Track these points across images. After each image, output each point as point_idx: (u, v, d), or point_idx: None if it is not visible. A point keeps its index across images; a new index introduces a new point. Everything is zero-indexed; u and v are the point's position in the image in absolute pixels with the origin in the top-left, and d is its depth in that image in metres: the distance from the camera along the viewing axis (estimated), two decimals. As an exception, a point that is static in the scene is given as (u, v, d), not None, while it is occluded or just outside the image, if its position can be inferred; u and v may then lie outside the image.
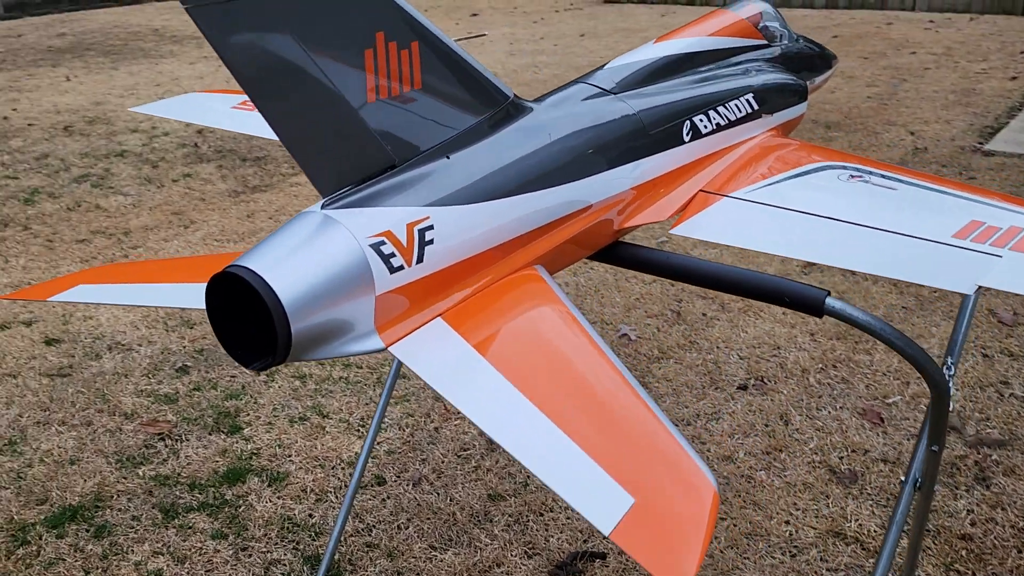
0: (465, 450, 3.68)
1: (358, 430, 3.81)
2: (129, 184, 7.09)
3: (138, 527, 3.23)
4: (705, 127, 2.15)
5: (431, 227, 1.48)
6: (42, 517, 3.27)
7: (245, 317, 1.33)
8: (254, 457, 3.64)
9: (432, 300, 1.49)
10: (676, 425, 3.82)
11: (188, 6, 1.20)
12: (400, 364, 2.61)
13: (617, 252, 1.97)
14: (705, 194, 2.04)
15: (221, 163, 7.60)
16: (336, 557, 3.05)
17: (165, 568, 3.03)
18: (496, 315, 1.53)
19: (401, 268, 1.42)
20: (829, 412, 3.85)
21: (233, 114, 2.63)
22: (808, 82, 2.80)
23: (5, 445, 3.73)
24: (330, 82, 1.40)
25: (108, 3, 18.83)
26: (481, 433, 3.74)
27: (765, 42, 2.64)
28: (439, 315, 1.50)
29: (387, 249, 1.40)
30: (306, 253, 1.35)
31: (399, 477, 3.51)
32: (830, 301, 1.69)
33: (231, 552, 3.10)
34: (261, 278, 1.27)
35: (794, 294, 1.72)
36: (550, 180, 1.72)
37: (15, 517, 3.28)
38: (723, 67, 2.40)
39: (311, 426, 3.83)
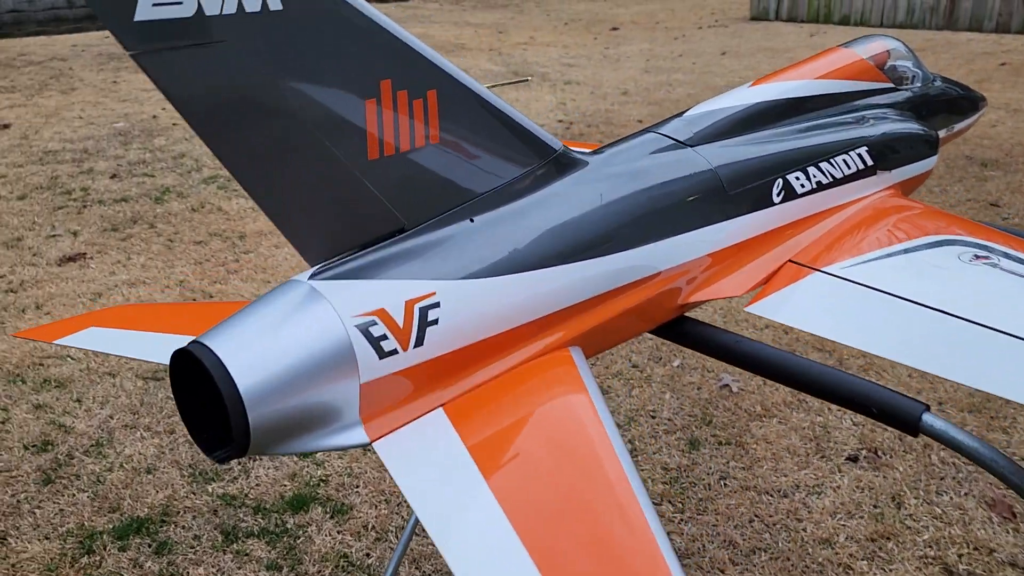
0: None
1: (429, 466, 3.66)
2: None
3: (197, 548, 3.20)
4: (802, 186, 1.86)
5: (436, 304, 1.28)
6: (111, 526, 3.30)
7: (209, 400, 1.17)
8: (322, 485, 3.56)
9: (433, 387, 1.30)
10: (770, 494, 3.48)
11: (134, 52, 1.06)
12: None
13: (680, 329, 1.71)
14: (794, 266, 1.76)
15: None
16: (385, 605, 2.91)
17: (216, 595, 2.98)
18: (506, 411, 1.32)
19: (394, 352, 1.23)
20: (951, 498, 3.41)
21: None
22: (945, 130, 2.43)
23: (92, 446, 3.82)
24: (319, 137, 1.22)
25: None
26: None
27: (891, 85, 2.30)
28: (441, 405, 1.30)
29: (377, 331, 1.22)
30: (279, 332, 1.18)
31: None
32: (929, 418, 1.38)
33: (282, 586, 3.02)
34: (218, 360, 1.12)
35: (884, 404, 1.42)
36: (597, 249, 1.49)
37: (86, 523, 3.32)
38: (834, 115, 2.09)
39: (383, 456, 3.72)
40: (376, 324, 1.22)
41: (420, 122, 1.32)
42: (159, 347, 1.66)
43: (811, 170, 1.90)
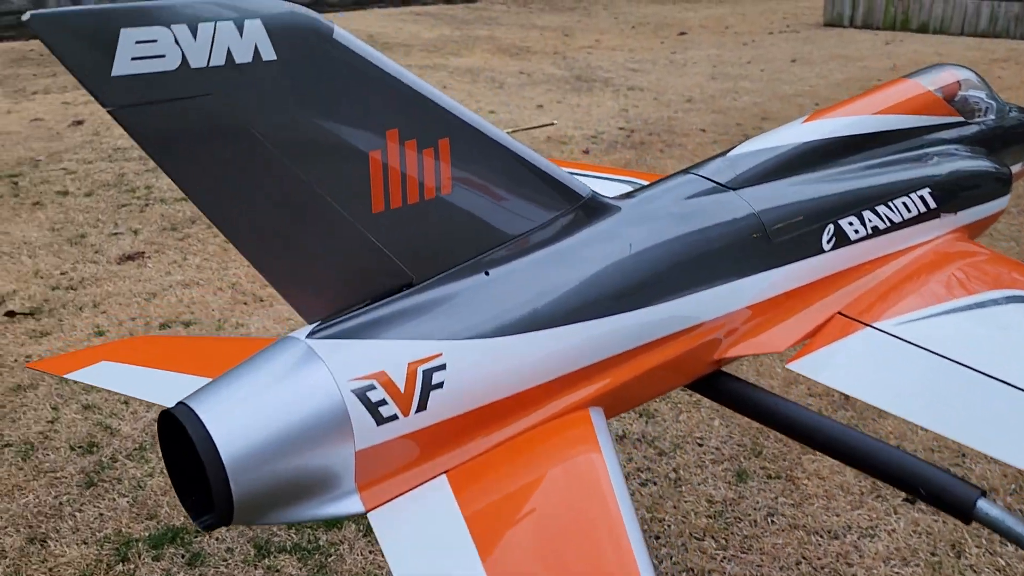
0: None
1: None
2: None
3: (230, 561, 3.19)
4: (856, 232, 1.73)
5: (442, 367, 1.20)
6: (147, 534, 3.32)
7: (194, 465, 1.11)
8: (357, 501, 3.52)
9: (437, 453, 1.21)
10: (820, 535, 3.31)
11: (111, 108, 0.99)
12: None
13: (716, 384, 1.60)
14: (843, 319, 1.63)
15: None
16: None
17: (244, 611, 2.96)
18: (513, 479, 1.23)
19: (394, 418, 1.16)
20: (1016, 550, 3.20)
21: None
22: (1021, 164, 2.26)
23: (135, 450, 3.86)
24: (319, 192, 1.14)
25: (336, 8, 20.01)
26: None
27: (961, 119, 2.14)
28: (445, 472, 1.21)
29: (376, 395, 1.14)
30: (270, 395, 1.11)
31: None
32: (984, 505, 1.24)
33: (311, 605, 2.99)
34: (201, 424, 1.05)
35: (935, 487, 1.29)
36: (622, 303, 1.39)
37: (123, 530, 3.34)
38: (895, 153, 1.94)
39: (420, 475, 3.67)
40: (375, 388, 1.15)
41: (431, 173, 1.24)
42: (168, 388, 1.60)
43: (867, 214, 1.76)
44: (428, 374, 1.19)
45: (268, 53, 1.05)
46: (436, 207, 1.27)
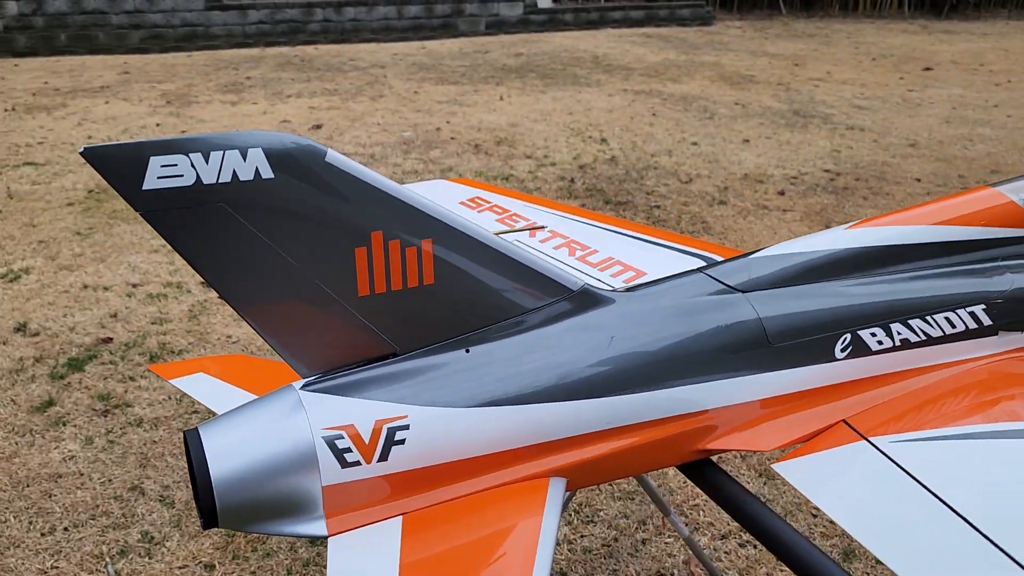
0: (660, 574, 3.46)
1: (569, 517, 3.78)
2: (499, 209, 7.76)
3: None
4: (880, 343, 1.75)
5: (405, 427, 1.44)
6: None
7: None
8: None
9: (396, 497, 1.46)
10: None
11: (142, 212, 1.31)
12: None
13: (699, 470, 1.70)
14: (845, 429, 1.67)
15: (585, 201, 7.96)
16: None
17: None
18: (456, 531, 1.44)
19: (357, 464, 1.41)
20: None
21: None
22: None
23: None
24: (311, 277, 1.41)
25: (570, 27, 20.64)
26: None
27: (1050, 232, 2.04)
28: (402, 513, 1.45)
29: (342, 443, 1.40)
30: (260, 431, 1.41)
31: (581, 581, 3.42)
32: None
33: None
34: (201, 448, 1.36)
35: None
36: (595, 389, 1.55)
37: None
38: (950, 265, 1.91)
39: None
40: (342, 438, 1.41)
41: (413, 267, 1.48)
42: (232, 405, 1.97)
43: (895, 327, 1.76)
44: (392, 431, 1.43)
45: (267, 172, 1.34)
46: (419, 294, 1.50)
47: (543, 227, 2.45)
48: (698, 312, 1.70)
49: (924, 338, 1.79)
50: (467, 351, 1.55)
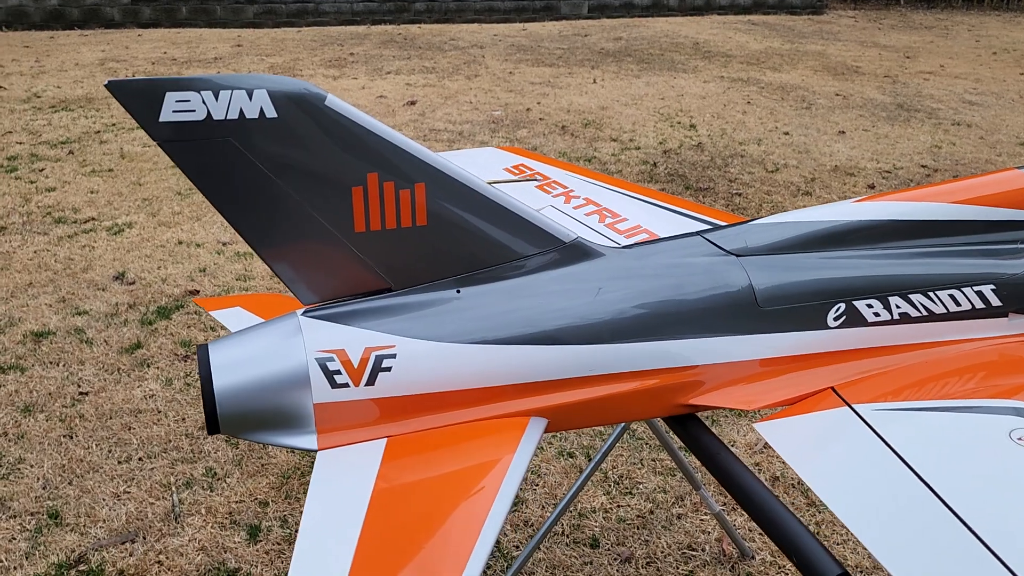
0: (692, 548, 3.51)
1: (607, 483, 3.86)
2: (578, 190, 7.82)
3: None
4: (876, 315, 1.78)
5: (392, 356, 1.56)
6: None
7: None
8: (506, 473, 3.94)
9: (383, 421, 1.58)
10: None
11: (159, 141, 1.47)
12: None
13: (684, 424, 1.77)
14: (831, 395, 1.71)
15: (665, 186, 7.94)
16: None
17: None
18: (434, 459, 1.55)
19: (345, 385, 1.54)
20: None
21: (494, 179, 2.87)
22: None
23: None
24: (311, 212, 1.55)
25: (674, 12, 20.36)
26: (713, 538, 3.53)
27: (1073, 217, 2.00)
28: (387, 436, 1.58)
29: (333, 365, 1.54)
30: (261, 350, 1.56)
31: (611, 547, 3.50)
32: None
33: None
34: (208, 363, 1.52)
35: (804, 556, 1.39)
36: (577, 337, 1.64)
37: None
38: (962, 244, 1.90)
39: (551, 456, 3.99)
40: (333, 360, 1.54)
41: (407, 209, 1.60)
42: None
43: (894, 300, 1.77)
44: (380, 359, 1.56)
45: (271, 112, 1.49)
46: (412, 234, 1.62)
47: (535, 177, 2.53)
48: (688, 272, 1.75)
49: (925, 314, 1.79)
50: (458, 292, 1.66)
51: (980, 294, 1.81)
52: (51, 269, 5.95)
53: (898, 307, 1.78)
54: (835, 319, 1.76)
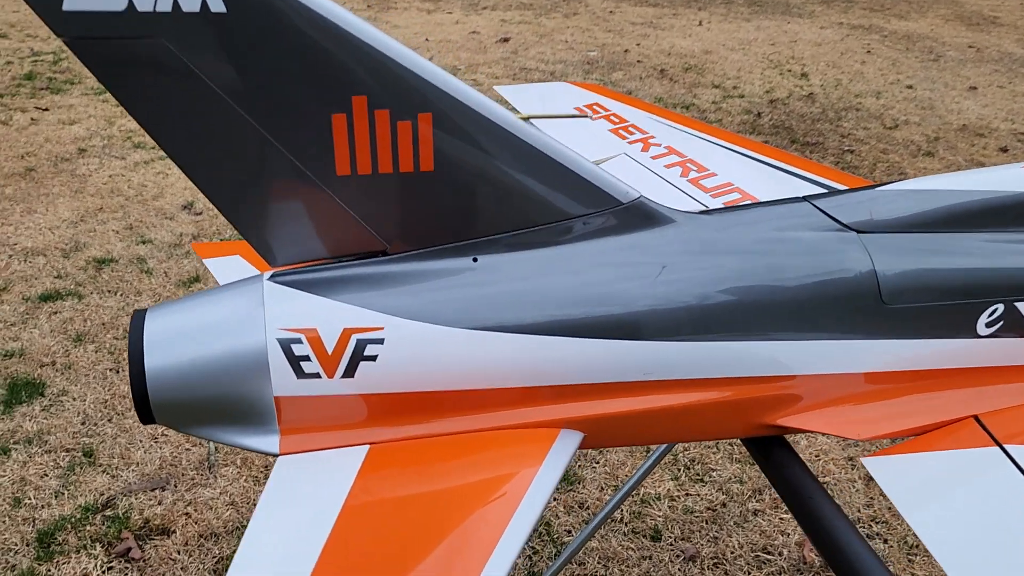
0: (767, 551, 3.11)
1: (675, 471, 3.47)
2: (672, 138, 7.27)
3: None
4: (1045, 321, 1.31)
5: (379, 341, 1.19)
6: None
7: None
8: (566, 448, 3.59)
9: (368, 424, 1.22)
10: None
11: (65, 39, 1.09)
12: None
13: (767, 452, 1.36)
14: (975, 427, 1.26)
15: (769, 139, 7.29)
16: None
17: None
18: (428, 474, 1.19)
19: (315, 376, 1.18)
20: None
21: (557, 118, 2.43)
22: None
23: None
24: (277, 146, 1.15)
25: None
26: (784, 540, 3.12)
27: None
28: (371, 443, 1.22)
29: (300, 349, 1.17)
30: (211, 322, 1.21)
31: (675, 542, 3.13)
32: None
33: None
34: (141, 336, 1.18)
35: None
36: (631, 329, 1.23)
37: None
38: None
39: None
40: (300, 343, 1.18)
41: (407, 147, 1.19)
42: None
43: None
44: (362, 344, 1.19)
45: (217, 5, 1.10)
46: (414, 182, 1.22)
47: (585, 115, 2.10)
48: (788, 249, 1.32)
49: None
50: (475, 260, 1.27)
51: None
52: (123, 195, 5.84)
53: (1077, 312, 1.32)
54: (989, 325, 1.31)
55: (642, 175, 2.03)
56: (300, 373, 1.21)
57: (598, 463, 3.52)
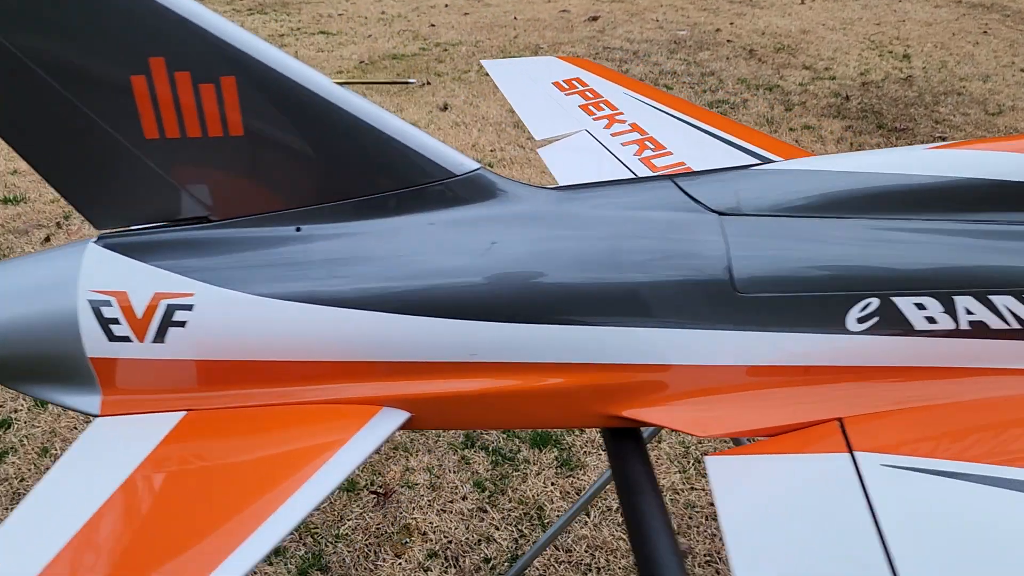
0: (764, 555, 2.96)
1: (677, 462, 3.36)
2: (747, 121, 6.98)
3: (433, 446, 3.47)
4: (930, 319, 1.18)
5: (188, 307, 1.18)
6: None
7: None
8: (567, 433, 3.52)
9: (184, 390, 1.21)
10: None
11: None
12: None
13: (615, 440, 1.28)
14: (836, 431, 1.15)
15: (852, 123, 6.91)
16: None
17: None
18: (235, 442, 1.18)
19: (125, 339, 1.18)
20: None
21: (536, 94, 2.35)
22: None
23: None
24: (83, 109, 1.14)
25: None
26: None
27: None
28: (189, 409, 1.21)
29: (109, 312, 1.18)
30: (30, 283, 1.23)
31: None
32: None
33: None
34: None
35: None
36: (455, 309, 1.18)
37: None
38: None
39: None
40: (110, 305, 1.18)
41: (212, 110, 1.16)
42: None
43: (964, 300, 1.15)
44: (171, 309, 1.18)
45: None
46: (225, 146, 1.20)
47: (412, 81, 2.00)
48: (635, 230, 1.22)
49: (1016, 326, 1.17)
50: (298, 229, 1.24)
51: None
52: None
53: (970, 312, 1.17)
54: (861, 320, 1.18)
55: (595, 151, 1.95)
56: (111, 336, 1.22)
57: (603, 450, 3.44)
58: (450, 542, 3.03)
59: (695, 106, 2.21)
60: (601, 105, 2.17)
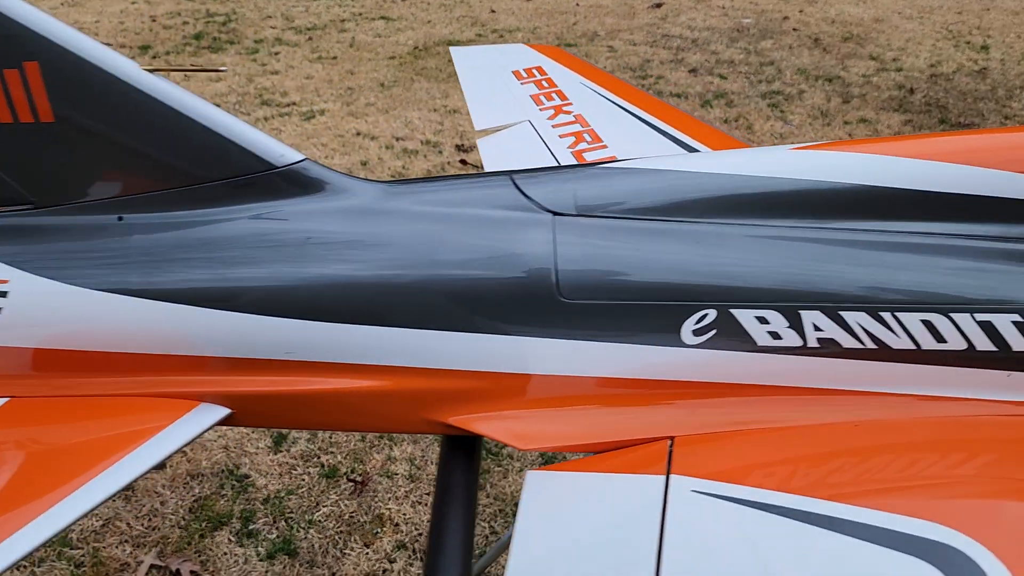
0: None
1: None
2: (800, 113, 6.72)
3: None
4: (774, 335, 1.08)
5: (3, 294, 1.17)
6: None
7: None
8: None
9: (6, 376, 1.21)
10: None
11: None
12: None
13: (450, 448, 1.22)
14: (663, 450, 1.07)
15: (914, 117, 6.56)
16: None
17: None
18: (47, 430, 1.16)
19: None
20: None
21: (491, 83, 2.26)
22: None
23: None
24: None
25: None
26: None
27: None
28: (11, 396, 1.21)
29: None
30: None
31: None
32: None
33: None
34: None
35: None
36: (271, 304, 1.14)
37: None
38: (978, 234, 1.09)
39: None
40: None
41: (19, 96, 1.14)
42: None
43: (811, 315, 1.03)
44: None
45: None
46: (37, 133, 1.17)
47: (223, 70, 1.92)
48: (460, 230, 1.14)
49: (871, 346, 1.04)
50: (120, 219, 1.21)
51: (987, 327, 1.02)
52: (238, 148, 6.20)
53: (819, 328, 1.05)
54: (697, 332, 1.08)
55: (532, 143, 1.88)
56: None
57: (589, 449, 3.36)
58: (420, 534, 3.01)
59: (652, 98, 2.11)
60: (552, 95, 2.09)
